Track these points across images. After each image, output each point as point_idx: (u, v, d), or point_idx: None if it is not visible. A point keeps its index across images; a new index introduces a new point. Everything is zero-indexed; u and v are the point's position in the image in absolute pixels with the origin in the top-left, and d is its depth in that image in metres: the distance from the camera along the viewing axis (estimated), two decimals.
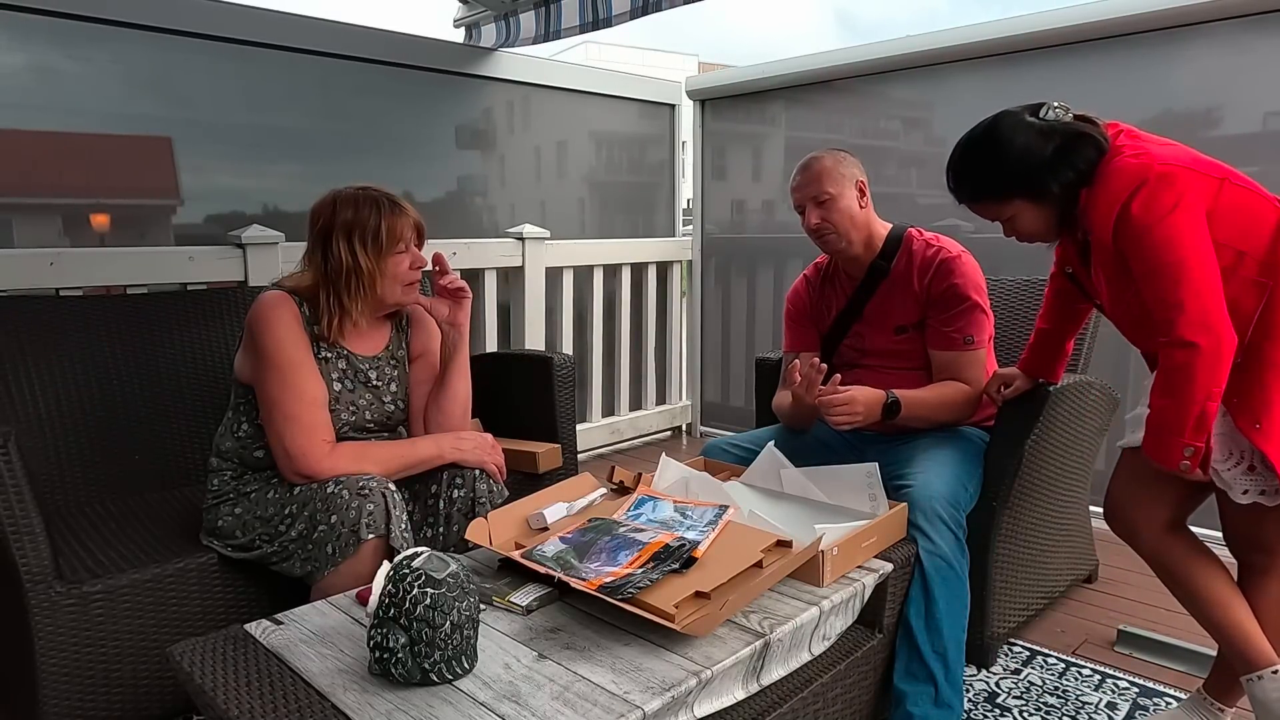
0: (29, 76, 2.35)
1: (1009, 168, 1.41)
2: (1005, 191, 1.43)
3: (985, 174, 1.45)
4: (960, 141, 1.50)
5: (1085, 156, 1.38)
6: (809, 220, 1.92)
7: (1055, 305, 1.76)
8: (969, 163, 1.47)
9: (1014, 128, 1.41)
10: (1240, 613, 1.47)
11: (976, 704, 1.76)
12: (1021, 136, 1.40)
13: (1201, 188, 1.33)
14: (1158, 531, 1.52)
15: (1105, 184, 1.36)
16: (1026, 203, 1.43)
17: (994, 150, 1.42)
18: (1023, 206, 1.44)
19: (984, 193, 1.47)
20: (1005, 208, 1.45)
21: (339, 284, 1.67)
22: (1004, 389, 1.83)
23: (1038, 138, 1.39)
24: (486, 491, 1.72)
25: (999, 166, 1.42)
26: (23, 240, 2.44)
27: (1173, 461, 1.35)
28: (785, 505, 1.71)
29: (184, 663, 1.18)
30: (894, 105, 3.37)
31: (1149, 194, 1.31)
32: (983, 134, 1.45)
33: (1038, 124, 1.40)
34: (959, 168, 1.49)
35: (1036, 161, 1.39)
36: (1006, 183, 1.42)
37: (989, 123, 1.45)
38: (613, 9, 3.08)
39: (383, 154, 3.09)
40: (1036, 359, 1.80)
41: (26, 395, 1.92)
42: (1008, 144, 1.40)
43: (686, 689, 1.12)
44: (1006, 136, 1.41)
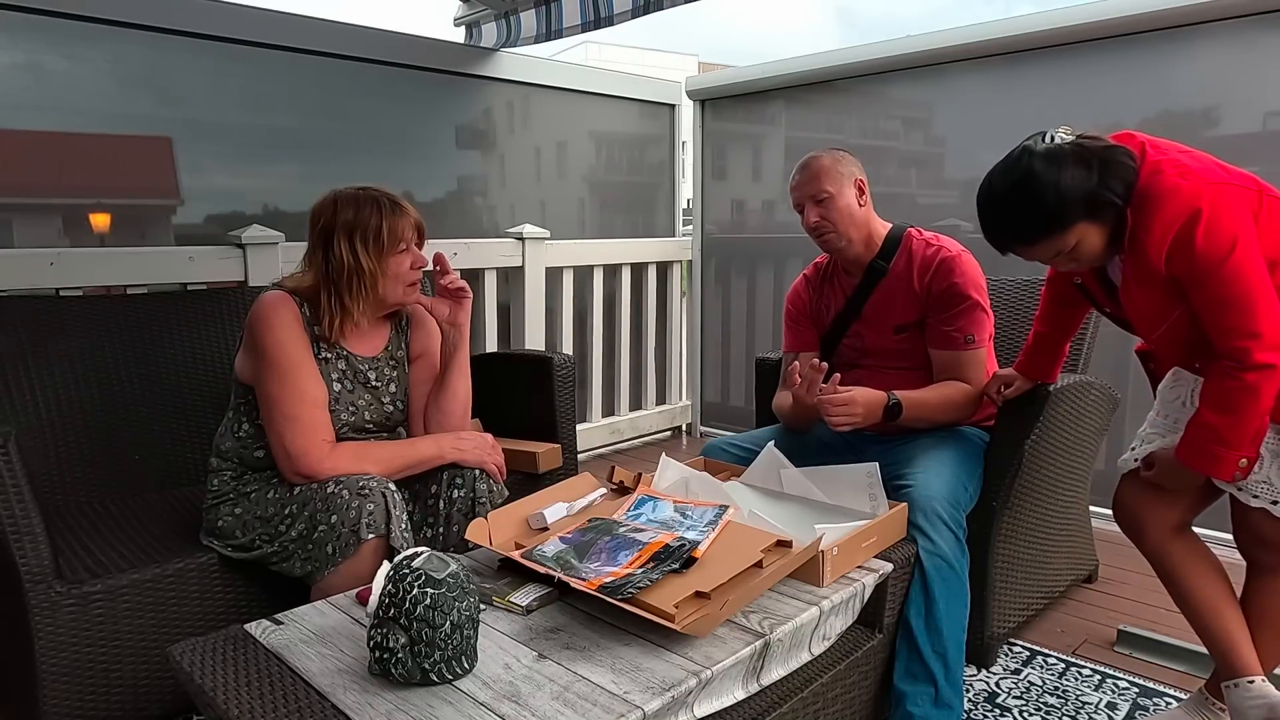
0: (29, 76, 2.35)
1: (1067, 196, 1.34)
2: (1069, 220, 1.35)
3: (1043, 211, 1.36)
4: (990, 194, 1.42)
5: (1128, 168, 1.35)
6: (808, 219, 1.92)
7: (1053, 311, 1.76)
8: (1019, 207, 1.38)
9: (1049, 159, 1.35)
10: (1231, 621, 1.50)
11: (976, 704, 1.76)
12: (1059, 166, 1.34)
13: (1247, 203, 1.33)
14: (1164, 533, 1.54)
15: (1158, 207, 1.33)
16: (1089, 224, 1.36)
17: (1037, 188, 1.35)
18: (1086, 229, 1.37)
19: (1046, 230, 1.37)
20: (1069, 236, 1.37)
21: (340, 284, 1.67)
22: (1004, 389, 1.83)
23: (1078, 161, 1.34)
24: (486, 491, 1.72)
25: (1051, 199, 1.34)
26: (23, 240, 2.44)
27: (1227, 473, 1.37)
28: (785, 505, 1.71)
29: (184, 663, 1.18)
30: (894, 105, 3.37)
31: (1210, 221, 1.29)
32: (1022, 176, 1.37)
33: (1067, 149, 1.35)
34: (1008, 216, 1.41)
35: (1090, 184, 1.34)
36: (1068, 211, 1.35)
37: (1020, 165, 1.38)
38: (614, 7, 3.08)
39: (383, 154, 3.09)
40: (1033, 362, 1.81)
41: (26, 395, 1.92)
42: (1055, 175, 1.34)
43: (686, 689, 1.12)
44: (1049, 169, 1.34)
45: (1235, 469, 1.37)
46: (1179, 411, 1.53)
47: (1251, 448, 1.36)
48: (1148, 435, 1.58)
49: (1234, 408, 1.34)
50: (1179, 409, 1.53)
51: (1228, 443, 1.36)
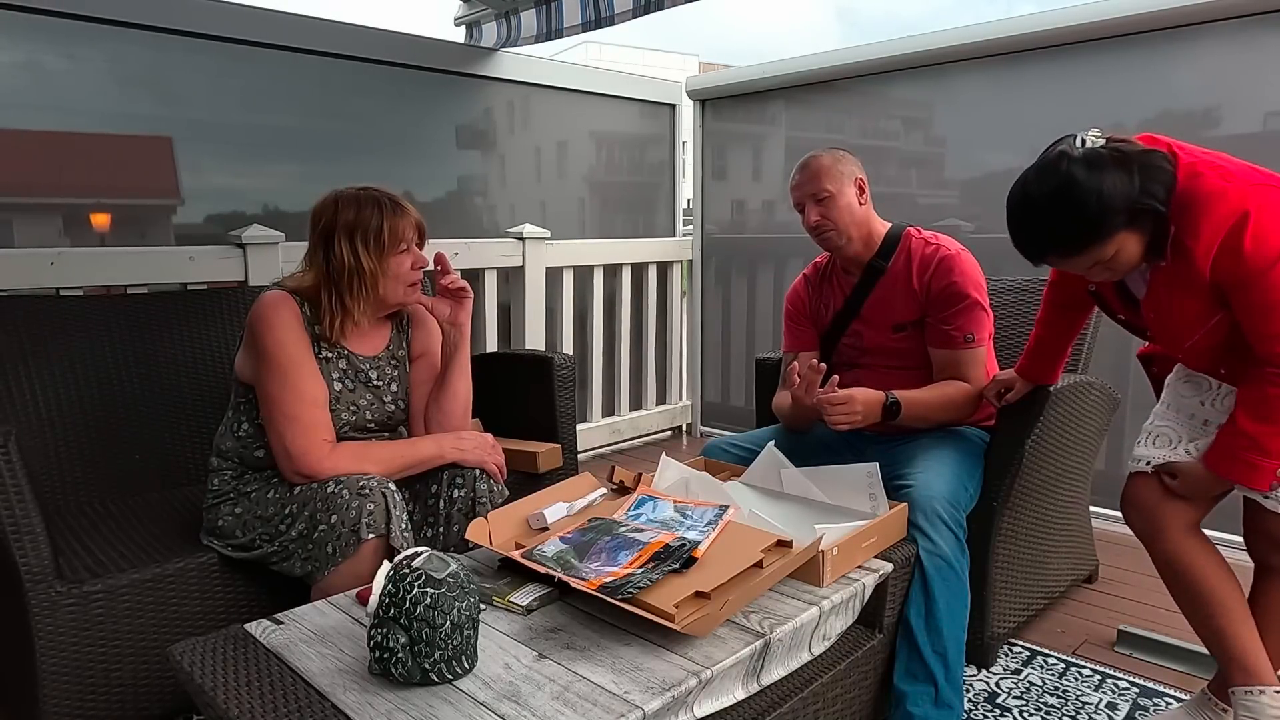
0: (29, 76, 2.35)
1: (1109, 204, 1.28)
2: (1111, 230, 1.30)
3: (1085, 220, 1.29)
4: (1027, 201, 1.35)
5: (1167, 173, 1.30)
6: (808, 218, 1.92)
7: (1056, 314, 1.75)
8: (1060, 216, 1.31)
9: (1090, 165, 1.28)
10: (1248, 625, 1.47)
11: (976, 704, 1.76)
12: (1100, 173, 1.28)
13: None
14: (1182, 532, 1.49)
15: (1205, 211, 1.29)
16: (1129, 233, 1.31)
17: (1079, 196, 1.28)
18: (1126, 238, 1.31)
19: (1088, 240, 1.31)
20: (1110, 246, 1.31)
21: (341, 284, 1.67)
22: (1004, 394, 1.83)
23: (1118, 167, 1.28)
24: (487, 491, 1.72)
25: (1094, 208, 1.28)
26: (23, 240, 2.44)
27: (1264, 483, 1.35)
28: (785, 505, 1.71)
29: (184, 662, 1.18)
30: (894, 105, 3.37)
31: (1258, 227, 1.26)
32: (1062, 183, 1.29)
33: (1106, 154, 1.29)
34: (1047, 225, 1.33)
35: (1133, 191, 1.28)
36: (1110, 220, 1.29)
37: (1058, 171, 1.30)
38: (614, 7, 3.08)
39: (383, 154, 3.09)
40: (1034, 364, 1.80)
41: (26, 395, 1.92)
42: (1097, 182, 1.27)
43: (686, 689, 1.12)
44: (1090, 176, 1.28)
45: (1274, 478, 1.34)
46: (1199, 412, 1.50)
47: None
48: (1157, 430, 1.55)
49: (1275, 416, 1.31)
50: (1198, 409, 1.51)
51: (1267, 451, 1.33)
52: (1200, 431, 1.50)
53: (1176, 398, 1.56)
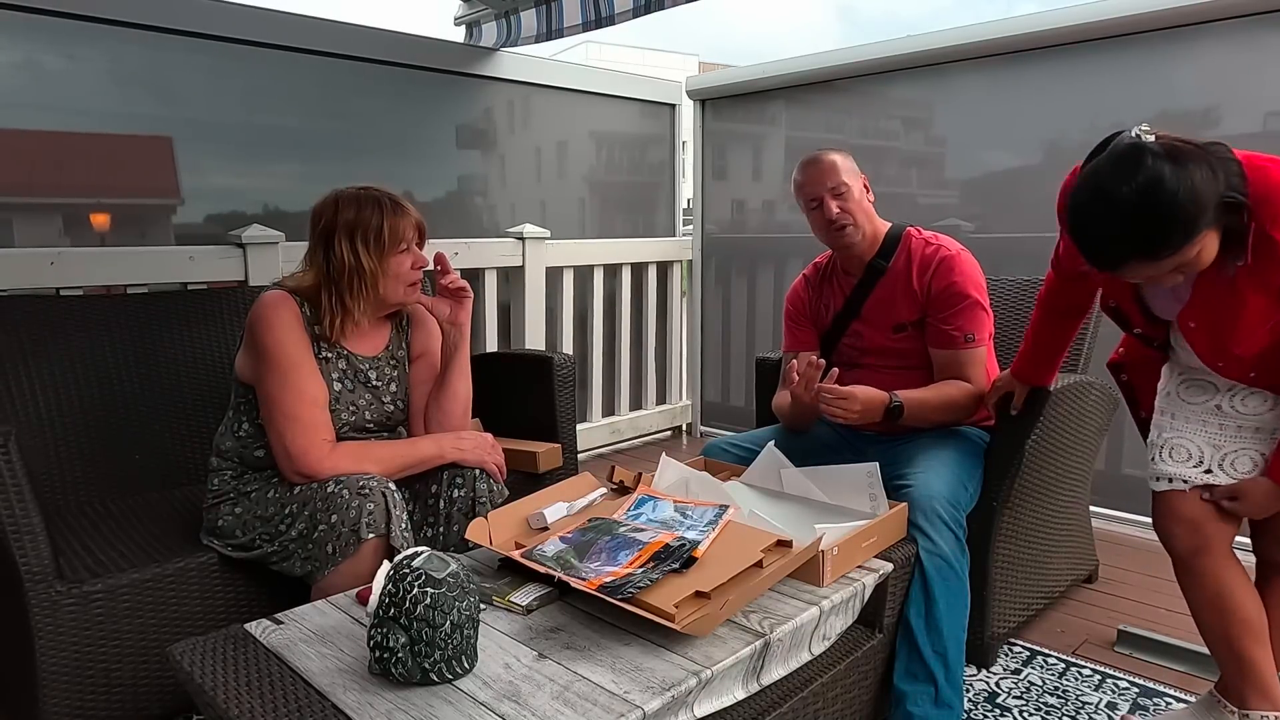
0: (29, 76, 2.35)
1: (1202, 200, 1.18)
2: (1201, 229, 1.20)
3: (1180, 220, 1.19)
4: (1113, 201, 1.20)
5: (1238, 164, 1.23)
6: (830, 211, 1.89)
7: (1053, 322, 1.73)
8: (1153, 217, 1.19)
9: (1174, 161, 1.18)
10: (1268, 649, 1.45)
11: (976, 704, 1.76)
12: (1189, 166, 1.18)
13: None
14: (1225, 552, 1.45)
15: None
16: (1211, 232, 1.22)
17: (1175, 191, 1.17)
18: (1208, 237, 1.22)
19: (1183, 239, 1.20)
20: (1196, 245, 1.21)
21: (341, 284, 1.67)
22: (1007, 399, 1.82)
23: (1199, 162, 1.19)
24: (486, 491, 1.72)
25: (1193, 205, 1.18)
26: (23, 240, 2.44)
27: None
28: (785, 505, 1.71)
29: (184, 662, 1.18)
30: (895, 105, 3.37)
31: None
32: (1151, 181, 1.17)
33: (1181, 146, 1.20)
34: (1137, 227, 1.20)
35: (1218, 187, 1.20)
36: (1202, 219, 1.19)
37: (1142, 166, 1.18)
38: (614, 7, 3.07)
39: (383, 154, 3.09)
40: (1030, 368, 1.79)
41: (26, 395, 1.92)
42: (1187, 179, 1.17)
43: (686, 689, 1.12)
44: (1179, 173, 1.17)
45: None
46: (1212, 415, 1.47)
47: None
48: (1170, 443, 1.50)
49: None
50: (1212, 413, 1.47)
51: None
52: (1224, 438, 1.46)
53: (1182, 405, 1.52)
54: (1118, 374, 1.70)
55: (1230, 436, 1.46)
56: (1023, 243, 2.81)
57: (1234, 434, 1.46)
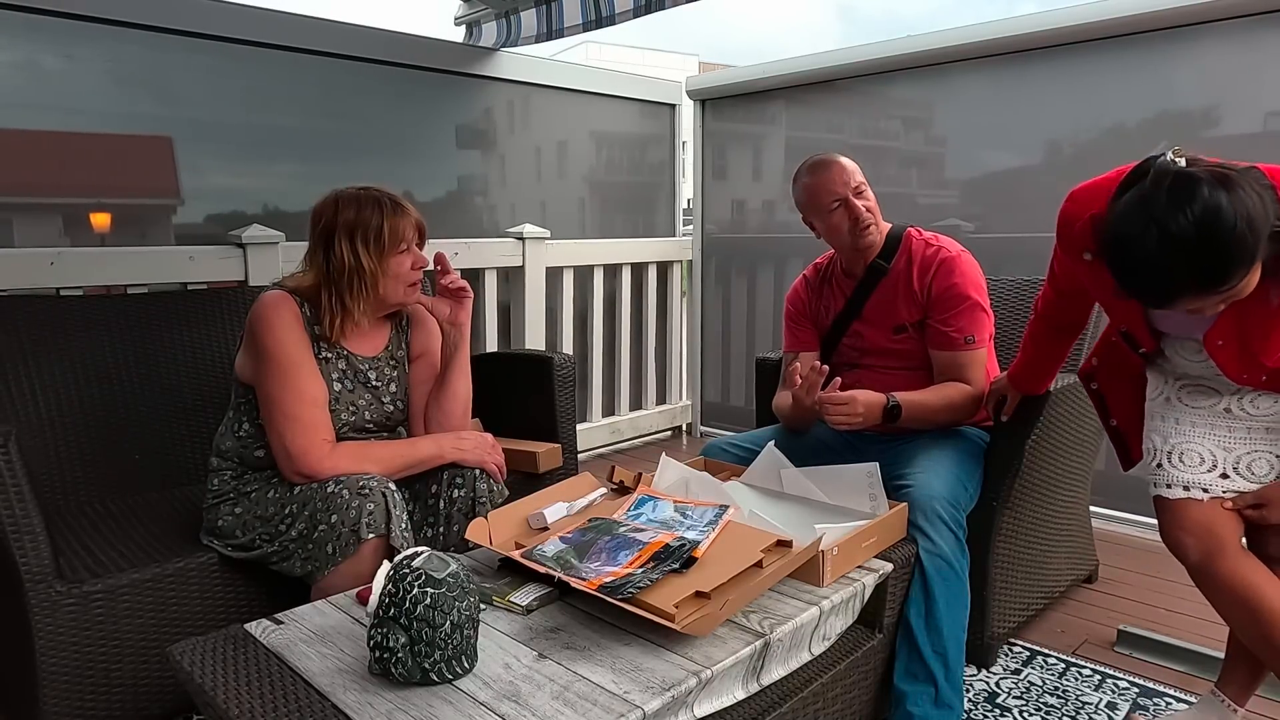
0: (29, 76, 2.35)
1: (1259, 229, 1.14)
2: (1259, 257, 1.16)
3: (1240, 252, 1.14)
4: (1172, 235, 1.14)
5: (1274, 189, 1.18)
6: (858, 210, 1.87)
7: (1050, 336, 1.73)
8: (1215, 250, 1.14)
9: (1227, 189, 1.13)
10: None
11: (976, 704, 1.76)
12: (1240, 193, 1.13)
13: None
14: (1239, 552, 1.42)
15: None
16: (1258, 261, 1.18)
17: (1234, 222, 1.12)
18: (1256, 266, 1.18)
19: (1242, 271, 1.16)
20: (1251, 275, 1.18)
21: (341, 284, 1.67)
22: (1003, 403, 1.83)
23: (1249, 192, 1.14)
24: (486, 491, 1.72)
25: (1253, 236, 1.14)
26: (23, 240, 2.44)
27: None
28: (785, 505, 1.71)
29: (184, 662, 1.18)
30: (895, 105, 3.37)
31: None
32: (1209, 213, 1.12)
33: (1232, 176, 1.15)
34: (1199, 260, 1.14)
35: (1268, 212, 1.15)
36: (1258, 249, 1.15)
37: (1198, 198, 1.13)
38: (615, 7, 3.07)
39: (383, 154, 3.09)
40: (1026, 377, 1.79)
41: (26, 395, 1.92)
42: (1243, 207, 1.12)
43: (686, 689, 1.12)
44: (1233, 201, 1.12)
45: None
46: (1221, 418, 1.45)
47: None
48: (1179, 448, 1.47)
49: None
50: (1221, 415, 1.45)
51: None
52: (1235, 440, 1.44)
53: (1185, 410, 1.49)
54: (1088, 382, 1.68)
55: (1240, 439, 1.44)
56: (1023, 243, 2.81)
57: (1244, 436, 1.44)
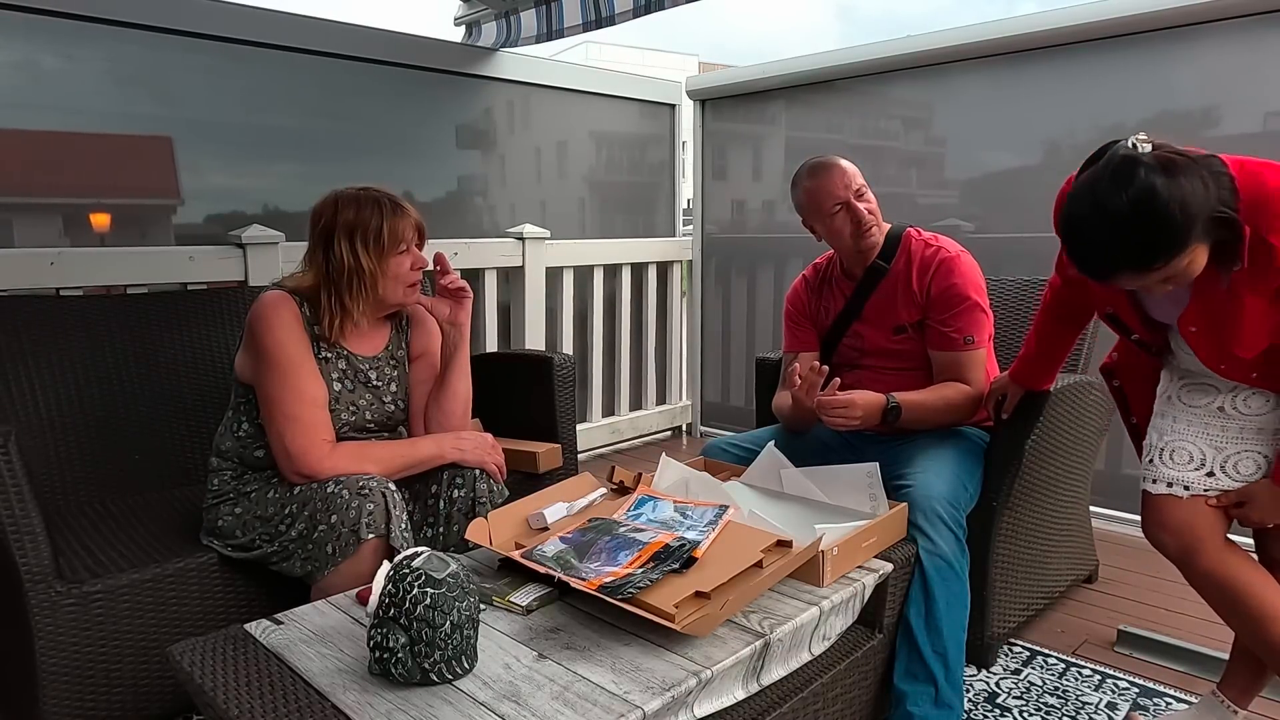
0: (29, 76, 2.35)
1: (1192, 212, 1.19)
2: (1191, 241, 1.21)
3: (1170, 232, 1.19)
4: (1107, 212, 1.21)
5: (1231, 178, 1.23)
6: (858, 213, 1.88)
7: (1054, 327, 1.73)
8: (1143, 229, 1.20)
9: (1167, 172, 1.19)
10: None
11: (976, 704, 1.76)
12: (1181, 178, 1.19)
13: None
14: (1219, 546, 1.43)
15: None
16: (1201, 244, 1.23)
17: (1167, 203, 1.18)
18: (1198, 249, 1.23)
19: (1171, 252, 1.21)
20: (1183, 258, 1.22)
21: (340, 284, 1.67)
22: (1002, 402, 1.82)
23: (1191, 173, 1.19)
24: (486, 491, 1.72)
25: (1184, 217, 1.19)
26: (23, 240, 2.44)
27: None
28: (785, 505, 1.71)
29: (184, 662, 1.18)
30: (894, 105, 3.37)
31: None
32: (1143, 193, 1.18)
33: (1179, 161, 1.20)
34: (1129, 238, 1.21)
35: (1210, 199, 1.20)
36: (1192, 231, 1.20)
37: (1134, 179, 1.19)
38: (614, 7, 3.07)
39: (383, 154, 3.09)
40: (1029, 371, 1.79)
41: (26, 395, 1.92)
42: (1179, 191, 1.18)
43: (686, 689, 1.12)
44: (1171, 184, 1.18)
45: None
46: (1214, 417, 1.45)
47: None
48: (1171, 445, 1.48)
49: None
50: (1214, 414, 1.45)
51: None
52: (1226, 439, 1.45)
53: (1183, 410, 1.50)
54: (1110, 379, 1.68)
55: (1232, 438, 1.45)
56: (1023, 243, 2.81)
57: (1236, 435, 1.45)
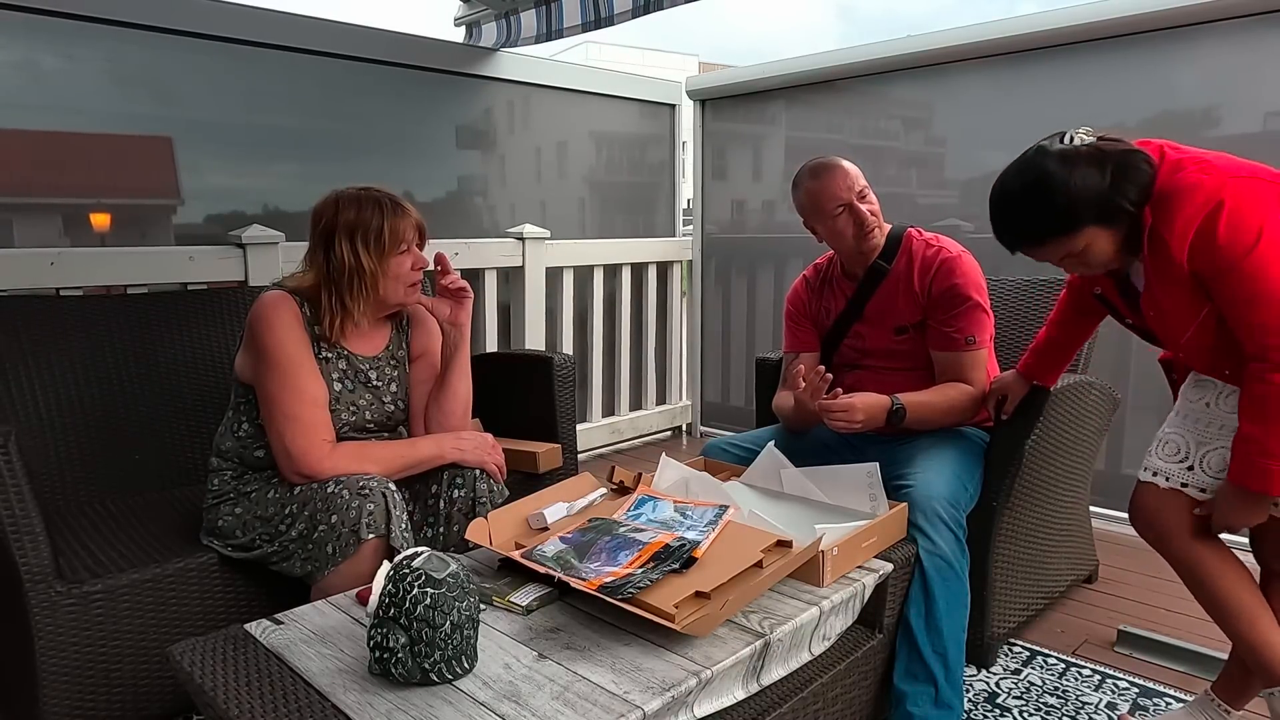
0: (29, 76, 2.35)
1: (1078, 198, 1.31)
2: (1079, 223, 1.33)
3: (1048, 212, 1.34)
4: (1003, 192, 1.39)
5: (1144, 173, 1.32)
6: (861, 215, 1.88)
7: (1069, 317, 1.74)
8: (1030, 208, 1.36)
9: (1062, 160, 1.32)
10: (1265, 625, 1.44)
11: (976, 704, 1.76)
12: (1070, 167, 1.31)
13: (1274, 197, 1.28)
14: (1188, 537, 1.47)
15: (1180, 202, 1.29)
16: (1099, 229, 1.34)
17: (1048, 188, 1.32)
18: (1095, 234, 1.34)
19: (1053, 231, 1.35)
20: (1077, 240, 1.34)
21: (341, 284, 1.67)
22: (1003, 404, 1.83)
23: (1090, 164, 1.31)
24: (487, 491, 1.72)
25: (1060, 200, 1.32)
26: (23, 240, 2.44)
27: (1275, 486, 1.30)
28: (785, 505, 1.71)
29: (184, 662, 1.18)
30: (894, 105, 3.37)
31: (1232, 214, 1.25)
32: (1036, 176, 1.34)
33: (1083, 151, 1.32)
34: (1015, 215, 1.38)
35: (1099, 186, 1.31)
36: (1074, 214, 1.32)
37: (1033, 165, 1.35)
38: (614, 7, 3.07)
39: (383, 154, 3.09)
40: (1038, 363, 1.80)
41: (26, 395, 1.92)
42: (1067, 177, 1.31)
43: (686, 689, 1.12)
44: (1061, 170, 1.31)
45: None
46: (1204, 414, 1.48)
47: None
48: (1166, 436, 1.52)
49: (1269, 414, 1.27)
50: (1203, 410, 1.48)
51: (1272, 453, 1.28)
52: (1207, 435, 1.47)
53: (1185, 403, 1.53)
54: (1168, 372, 1.68)
55: (1213, 434, 1.47)
56: None
57: (1216, 432, 1.47)
